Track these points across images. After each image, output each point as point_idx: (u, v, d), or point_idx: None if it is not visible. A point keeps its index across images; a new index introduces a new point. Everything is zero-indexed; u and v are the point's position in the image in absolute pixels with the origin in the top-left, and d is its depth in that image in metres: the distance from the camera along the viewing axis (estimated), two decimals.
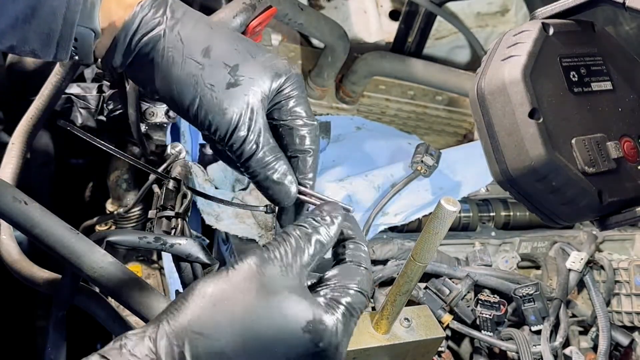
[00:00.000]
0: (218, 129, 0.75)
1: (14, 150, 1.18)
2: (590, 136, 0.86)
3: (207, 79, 0.75)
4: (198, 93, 0.74)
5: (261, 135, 0.75)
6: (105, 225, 1.38)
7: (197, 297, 0.63)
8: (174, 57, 0.75)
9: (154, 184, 1.25)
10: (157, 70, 0.76)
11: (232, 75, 0.75)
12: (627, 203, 0.88)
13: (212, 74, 0.75)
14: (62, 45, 0.74)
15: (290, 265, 0.66)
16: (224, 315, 0.62)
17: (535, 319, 1.29)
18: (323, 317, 0.65)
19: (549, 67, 0.87)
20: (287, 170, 0.78)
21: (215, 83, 0.75)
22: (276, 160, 0.77)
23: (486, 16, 1.85)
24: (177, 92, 0.75)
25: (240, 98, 0.75)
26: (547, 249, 1.46)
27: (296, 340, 0.64)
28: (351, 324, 0.69)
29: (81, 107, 1.32)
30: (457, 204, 0.79)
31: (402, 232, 1.41)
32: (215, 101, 0.74)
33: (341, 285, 0.69)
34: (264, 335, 0.63)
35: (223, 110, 0.74)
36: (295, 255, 0.67)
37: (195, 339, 0.61)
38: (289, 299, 0.64)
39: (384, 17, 1.81)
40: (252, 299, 0.63)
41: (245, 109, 0.75)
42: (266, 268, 0.65)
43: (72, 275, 0.92)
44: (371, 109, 1.79)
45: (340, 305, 0.68)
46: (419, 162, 1.37)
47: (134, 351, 0.60)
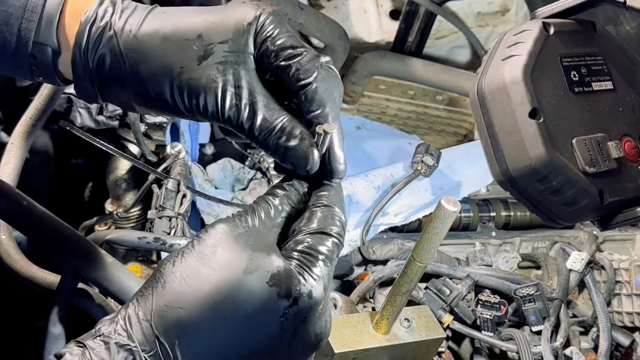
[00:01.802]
0: (208, 109, 0.67)
1: (14, 150, 1.18)
2: (590, 136, 0.86)
3: (175, 64, 0.67)
4: (173, 81, 0.67)
5: (254, 98, 0.67)
6: (104, 225, 1.38)
7: (165, 274, 0.63)
8: (135, 57, 0.68)
9: (153, 184, 1.25)
10: (126, 79, 0.69)
11: (198, 47, 0.68)
12: (628, 203, 0.87)
13: (178, 56, 0.68)
14: (19, 59, 0.69)
15: (256, 227, 0.66)
16: (184, 279, 0.62)
17: (536, 319, 1.29)
18: (287, 268, 0.63)
19: (549, 67, 0.87)
20: (296, 127, 0.68)
21: (184, 64, 0.67)
22: (280, 120, 0.68)
23: (486, 16, 1.85)
24: (154, 92, 0.68)
25: (217, 68, 0.67)
26: (548, 249, 1.46)
27: (263, 297, 0.62)
28: (323, 269, 0.65)
29: (81, 107, 1.32)
30: (457, 204, 0.78)
31: (402, 232, 1.41)
32: (193, 82, 0.67)
33: (301, 231, 0.67)
34: (231, 297, 0.61)
35: (204, 87, 0.66)
36: (264, 218, 0.67)
37: (162, 312, 0.61)
38: (253, 257, 0.63)
39: (384, 16, 1.81)
40: (211, 260, 0.62)
41: (227, 78, 0.67)
42: (232, 230, 0.64)
43: (72, 275, 0.92)
44: (371, 108, 1.79)
45: (296, 251, 0.65)
46: (419, 162, 1.36)
47: (107, 332, 0.60)
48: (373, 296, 1.27)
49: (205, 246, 0.64)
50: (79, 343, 0.61)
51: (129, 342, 0.60)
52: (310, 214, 0.68)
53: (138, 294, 0.63)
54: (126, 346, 0.60)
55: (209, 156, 1.47)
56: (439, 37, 1.83)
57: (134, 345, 0.60)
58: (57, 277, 0.99)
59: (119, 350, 0.59)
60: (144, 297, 0.62)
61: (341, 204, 0.71)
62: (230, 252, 0.63)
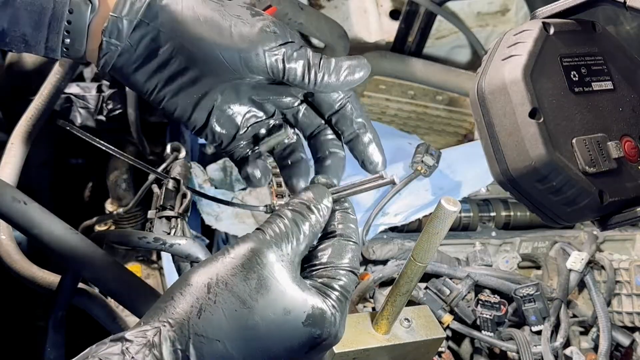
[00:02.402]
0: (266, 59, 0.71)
1: (14, 150, 1.18)
2: (590, 136, 0.86)
3: (232, 13, 0.73)
4: (230, 25, 0.71)
5: (303, 49, 0.74)
6: (104, 225, 1.38)
7: (196, 292, 0.61)
8: (188, 4, 0.72)
9: (153, 184, 1.24)
10: (178, 22, 0.71)
11: (251, 10, 0.74)
12: (628, 203, 0.87)
13: (233, 10, 0.73)
14: (53, 26, 0.70)
15: (288, 253, 0.65)
16: (225, 315, 0.61)
17: (536, 319, 1.29)
18: (321, 306, 0.64)
19: (549, 67, 0.86)
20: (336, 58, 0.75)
21: (240, 13, 0.73)
22: (323, 58, 0.74)
23: (486, 16, 1.85)
24: (210, 38, 0.71)
25: (270, 20, 0.73)
26: (548, 249, 1.46)
27: (297, 335, 0.63)
28: (346, 307, 0.67)
29: (80, 107, 1.32)
30: (457, 204, 0.78)
31: (402, 232, 1.41)
32: (248, 26, 0.72)
33: (333, 265, 0.68)
34: (266, 333, 0.62)
35: (259, 29, 0.72)
36: (291, 242, 0.66)
37: (199, 342, 0.60)
38: (288, 292, 0.63)
39: (384, 16, 1.81)
40: (254, 294, 0.62)
41: (278, 28, 0.73)
42: (263, 255, 0.63)
43: (72, 275, 0.92)
44: (371, 109, 1.79)
45: (335, 290, 0.66)
46: (419, 162, 1.36)
47: (137, 357, 0.58)
48: (373, 296, 1.27)
49: (239, 270, 0.63)
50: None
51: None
52: (339, 245, 0.69)
53: (167, 313, 0.61)
54: None
55: (209, 156, 1.47)
56: (439, 37, 1.83)
57: None
58: (57, 277, 0.99)
59: None
60: (175, 319, 0.60)
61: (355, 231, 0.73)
62: (271, 287, 0.63)
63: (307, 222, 0.68)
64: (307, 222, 0.68)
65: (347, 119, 0.80)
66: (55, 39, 0.72)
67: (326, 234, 0.71)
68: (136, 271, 1.29)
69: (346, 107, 0.79)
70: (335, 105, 0.78)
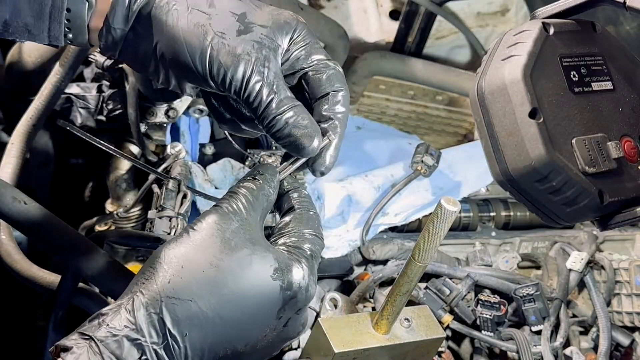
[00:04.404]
0: (232, 79, 0.71)
1: (14, 150, 1.18)
2: (590, 136, 0.86)
3: (216, 27, 0.72)
4: (209, 42, 0.71)
5: (276, 81, 0.73)
6: (105, 225, 1.38)
7: (164, 263, 0.65)
8: (179, 10, 0.72)
9: (153, 184, 1.25)
10: (162, 29, 0.73)
11: (241, 22, 0.73)
12: (628, 203, 0.87)
13: (221, 22, 0.72)
14: (54, 16, 0.72)
15: (247, 219, 0.69)
16: (194, 276, 0.64)
17: (536, 319, 1.29)
18: (288, 263, 0.68)
19: (549, 67, 0.87)
20: (307, 114, 0.74)
21: (225, 30, 0.72)
22: (294, 105, 0.73)
23: (486, 16, 1.85)
24: (187, 47, 0.72)
25: (253, 45, 0.72)
26: (548, 249, 1.46)
27: (267, 289, 0.66)
28: (314, 265, 0.71)
29: (81, 107, 1.32)
30: (457, 204, 0.78)
31: (402, 232, 1.41)
32: (228, 48, 0.71)
33: (297, 231, 0.72)
34: (236, 289, 0.65)
35: (236, 56, 0.71)
36: (250, 210, 0.70)
37: (171, 304, 0.62)
38: (254, 251, 0.67)
39: (384, 16, 1.81)
40: (218, 255, 0.65)
41: (259, 55, 0.72)
42: (226, 224, 0.67)
43: (72, 275, 0.92)
44: (371, 109, 1.79)
45: (302, 250, 0.71)
46: (419, 162, 1.36)
47: (112, 324, 0.61)
48: (373, 296, 1.27)
49: (203, 238, 0.66)
50: (83, 335, 0.61)
51: (138, 335, 0.61)
52: (299, 214, 0.74)
53: (140, 285, 0.64)
54: (136, 340, 0.60)
55: (209, 156, 1.47)
56: (439, 37, 1.83)
57: (144, 339, 0.61)
58: (57, 277, 0.99)
59: (129, 345, 0.60)
60: (147, 288, 0.63)
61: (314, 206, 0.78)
62: (236, 247, 0.67)
63: (260, 192, 0.72)
64: (260, 192, 0.72)
65: (329, 104, 0.79)
66: (57, 28, 0.73)
67: (286, 211, 0.76)
68: (136, 271, 1.28)
69: (330, 96, 0.78)
70: (325, 93, 0.78)
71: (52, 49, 1.38)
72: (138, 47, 0.75)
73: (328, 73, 0.76)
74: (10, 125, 1.30)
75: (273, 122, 0.72)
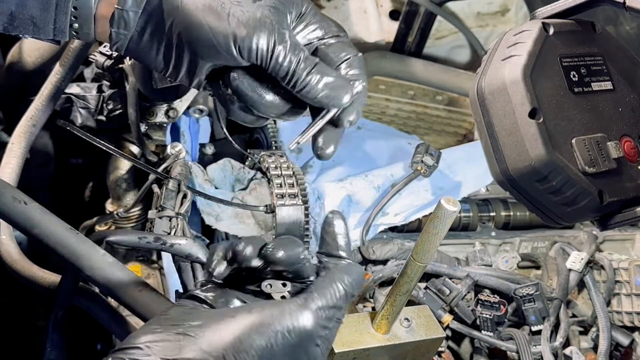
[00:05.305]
0: (258, 45, 0.72)
1: (14, 150, 1.18)
2: (590, 136, 0.86)
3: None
4: (227, 12, 0.72)
5: (297, 43, 0.74)
6: (105, 225, 1.38)
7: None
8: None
9: (153, 184, 1.25)
10: (177, 7, 0.72)
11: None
12: (628, 203, 0.87)
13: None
14: (60, 6, 0.72)
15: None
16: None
17: (536, 319, 1.29)
18: None
19: (549, 67, 0.87)
20: (330, 69, 0.76)
21: (241, 0, 0.73)
22: (318, 62, 0.75)
23: (486, 16, 1.85)
24: (206, 21, 0.72)
25: (269, 9, 0.73)
26: (548, 249, 1.46)
27: None
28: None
29: (81, 107, 1.32)
30: (457, 204, 0.78)
31: (402, 232, 1.41)
32: (247, 15, 0.72)
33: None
34: None
35: (258, 21, 0.72)
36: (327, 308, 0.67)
37: None
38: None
39: (384, 17, 1.81)
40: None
41: (278, 19, 0.73)
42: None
43: (72, 275, 0.92)
44: (371, 109, 1.79)
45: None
46: (419, 162, 1.37)
47: None
48: (373, 296, 1.27)
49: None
50: None
51: None
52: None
53: None
54: None
55: (209, 156, 1.47)
56: (439, 37, 1.83)
57: None
58: (57, 277, 0.99)
59: None
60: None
61: None
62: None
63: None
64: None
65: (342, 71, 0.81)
66: (63, 19, 0.73)
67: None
68: (136, 271, 1.29)
69: (343, 64, 0.80)
70: (339, 62, 0.80)
71: (53, 49, 1.38)
72: (150, 32, 0.74)
73: (337, 43, 0.78)
74: (10, 125, 1.30)
75: (305, 83, 0.74)
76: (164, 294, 1.24)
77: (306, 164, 1.43)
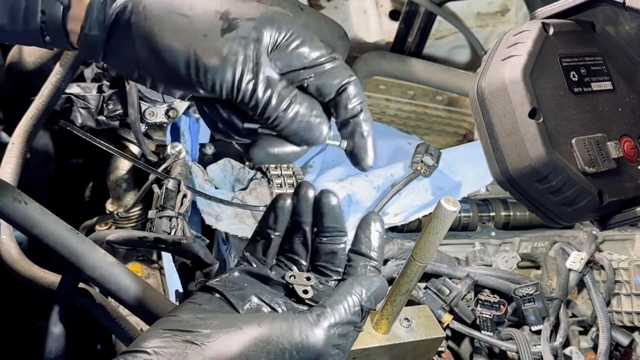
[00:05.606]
0: (222, 82, 0.67)
1: (14, 150, 1.18)
2: (590, 136, 0.86)
3: (198, 30, 0.67)
4: (192, 46, 0.67)
5: (270, 76, 0.67)
6: (105, 225, 1.38)
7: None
8: (158, 15, 0.68)
9: (154, 184, 1.25)
10: (142, 36, 0.68)
11: (224, 20, 0.68)
12: (627, 203, 0.88)
13: (203, 23, 0.67)
14: (28, 20, 0.68)
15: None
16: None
17: (535, 319, 1.29)
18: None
19: (549, 67, 0.87)
20: (307, 101, 0.69)
21: (208, 32, 0.67)
22: (295, 96, 0.68)
23: (486, 16, 1.85)
24: (169, 54, 0.67)
25: (239, 42, 0.67)
26: (547, 249, 1.46)
27: None
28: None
29: (81, 107, 1.32)
30: (457, 204, 0.79)
31: (402, 232, 1.41)
32: (213, 50, 0.66)
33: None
34: None
35: (223, 58, 0.66)
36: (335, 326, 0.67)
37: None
38: None
39: (384, 17, 1.82)
40: None
41: (247, 52, 0.67)
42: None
43: (72, 275, 0.92)
44: (371, 109, 1.79)
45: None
46: (419, 162, 1.37)
47: None
48: None
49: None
50: None
51: None
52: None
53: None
54: None
55: (209, 156, 1.47)
56: (439, 37, 1.83)
57: None
58: (57, 277, 0.99)
59: None
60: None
61: None
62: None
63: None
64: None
65: (343, 105, 0.72)
66: (34, 33, 0.70)
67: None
68: (136, 271, 1.29)
69: (342, 95, 0.72)
70: (333, 91, 0.72)
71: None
72: (120, 54, 0.71)
73: (330, 69, 0.70)
74: (11, 125, 1.30)
75: (277, 121, 0.68)
76: (164, 294, 1.24)
77: (306, 164, 1.43)
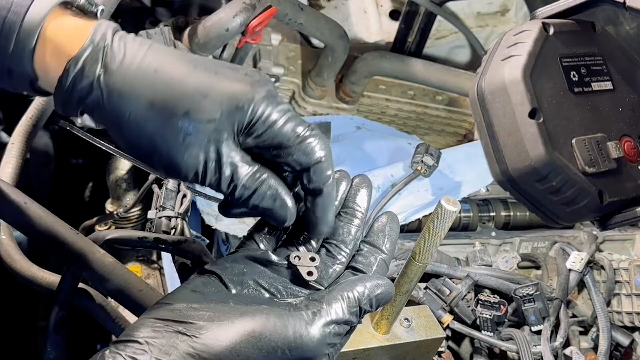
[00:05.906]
0: (187, 177, 0.68)
1: (14, 150, 1.18)
2: (590, 136, 0.86)
3: (158, 133, 0.67)
4: (156, 147, 0.67)
5: (236, 170, 0.68)
6: (105, 225, 1.38)
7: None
8: (120, 114, 0.67)
9: (153, 184, 1.25)
10: (108, 127, 0.68)
11: (183, 123, 0.66)
12: (628, 203, 0.88)
13: (162, 127, 0.67)
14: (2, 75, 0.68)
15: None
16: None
17: (536, 319, 1.29)
18: None
19: (549, 67, 0.87)
20: (277, 187, 0.70)
21: (168, 137, 0.67)
22: (261, 183, 0.69)
23: (486, 16, 1.85)
24: (133, 151, 0.68)
25: (201, 145, 0.67)
26: (548, 249, 1.46)
27: None
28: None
29: None
30: (457, 204, 0.78)
31: (402, 232, 1.41)
32: (175, 154, 0.67)
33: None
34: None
35: (185, 162, 0.67)
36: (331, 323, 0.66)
37: None
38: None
39: (384, 17, 1.81)
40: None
41: (208, 155, 0.67)
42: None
43: (72, 275, 0.92)
44: (371, 109, 1.79)
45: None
46: (419, 162, 1.37)
47: None
48: None
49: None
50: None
51: None
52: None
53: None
54: None
55: None
56: (439, 37, 1.83)
57: None
58: (57, 277, 0.99)
59: None
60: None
61: None
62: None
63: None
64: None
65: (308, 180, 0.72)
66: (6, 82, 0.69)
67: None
68: (136, 271, 1.29)
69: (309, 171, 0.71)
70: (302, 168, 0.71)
71: None
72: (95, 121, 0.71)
73: (302, 147, 0.69)
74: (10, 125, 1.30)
75: (245, 205, 0.70)
76: (164, 294, 1.23)
77: None
